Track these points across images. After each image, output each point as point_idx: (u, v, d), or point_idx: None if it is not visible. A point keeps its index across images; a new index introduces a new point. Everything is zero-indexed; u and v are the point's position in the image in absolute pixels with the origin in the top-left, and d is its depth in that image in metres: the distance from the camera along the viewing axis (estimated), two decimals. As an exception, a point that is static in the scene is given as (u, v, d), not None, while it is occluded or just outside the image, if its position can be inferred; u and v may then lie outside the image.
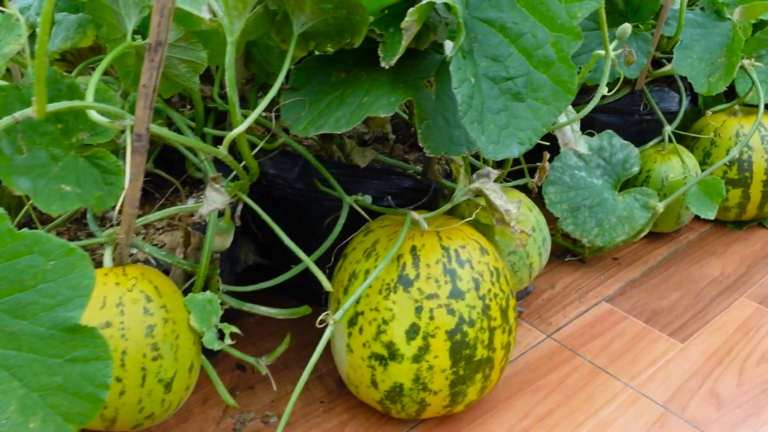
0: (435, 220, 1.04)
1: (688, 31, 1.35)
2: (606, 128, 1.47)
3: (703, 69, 1.30)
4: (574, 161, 1.37)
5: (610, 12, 1.29)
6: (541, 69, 0.82)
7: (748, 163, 1.46)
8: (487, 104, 0.82)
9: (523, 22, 0.83)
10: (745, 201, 1.49)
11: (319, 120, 0.87)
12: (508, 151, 0.81)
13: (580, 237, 1.34)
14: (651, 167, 1.43)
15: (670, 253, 1.47)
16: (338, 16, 0.87)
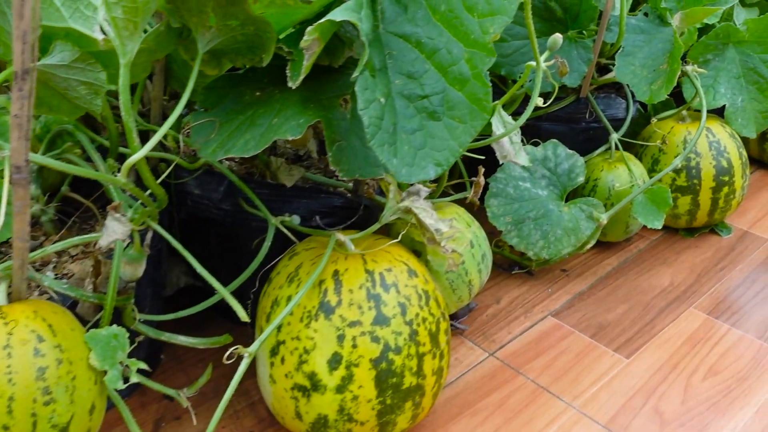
0: (364, 240, 1.00)
1: (630, 38, 1.32)
2: (552, 137, 1.44)
3: (645, 76, 1.27)
4: (518, 172, 1.34)
5: (548, 19, 1.26)
6: (457, 86, 0.78)
7: (696, 170, 1.43)
8: (401, 124, 0.78)
9: (438, 37, 0.79)
10: (695, 208, 1.47)
11: (228, 143, 0.83)
12: (424, 173, 0.78)
13: (525, 250, 1.31)
14: (598, 176, 1.40)
15: (620, 263, 1.44)
16: (247, 32, 0.82)
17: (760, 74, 1.46)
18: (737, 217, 1.61)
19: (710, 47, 1.43)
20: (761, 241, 1.52)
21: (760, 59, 1.46)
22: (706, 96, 1.45)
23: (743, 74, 1.47)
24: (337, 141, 0.80)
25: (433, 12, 0.80)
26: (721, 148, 1.43)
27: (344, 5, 0.74)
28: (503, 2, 0.74)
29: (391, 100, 0.78)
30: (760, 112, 1.49)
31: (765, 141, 1.76)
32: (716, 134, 1.44)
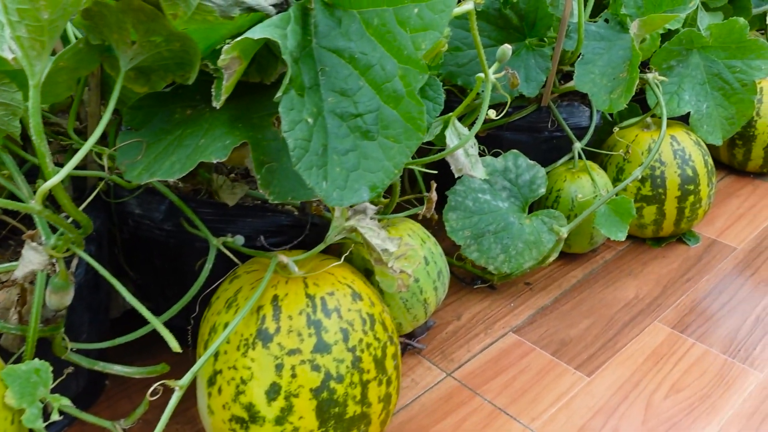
0: (309, 261, 0.97)
1: (590, 45, 1.29)
2: (515, 146, 1.40)
3: (605, 85, 1.24)
4: (478, 184, 1.30)
5: (504, 27, 1.23)
6: (392, 104, 0.75)
7: (661, 179, 1.40)
8: (333, 144, 0.74)
9: (372, 52, 0.76)
10: (661, 218, 1.44)
11: (154, 165, 0.78)
12: (357, 196, 0.74)
13: (485, 264, 1.27)
14: (561, 187, 1.37)
15: (585, 275, 1.41)
16: (173, 49, 0.78)
17: (724, 80, 1.44)
18: (705, 226, 1.58)
19: (673, 53, 1.40)
20: (729, 249, 1.49)
21: (725, 65, 1.43)
22: (670, 103, 1.42)
23: (708, 80, 1.44)
24: (267, 162, 0.76)
25: (366, 26, 0.76)
26: (686, 156, 1.40)
27: (268, 21, 0.70)
28: (434, 17, 0.70)
29: (322, 120, 0.74)
30: (726, 118, 1.46)
31: (734, 147, 1.74)
32: (681, 142, 1.41)
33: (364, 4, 0.76)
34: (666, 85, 1.42)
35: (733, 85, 1.43)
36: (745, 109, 1.45)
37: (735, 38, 1.39)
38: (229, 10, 0.70)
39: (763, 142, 1.69)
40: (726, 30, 1.39)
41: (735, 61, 1.42)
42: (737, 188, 1.74)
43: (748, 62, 1.42)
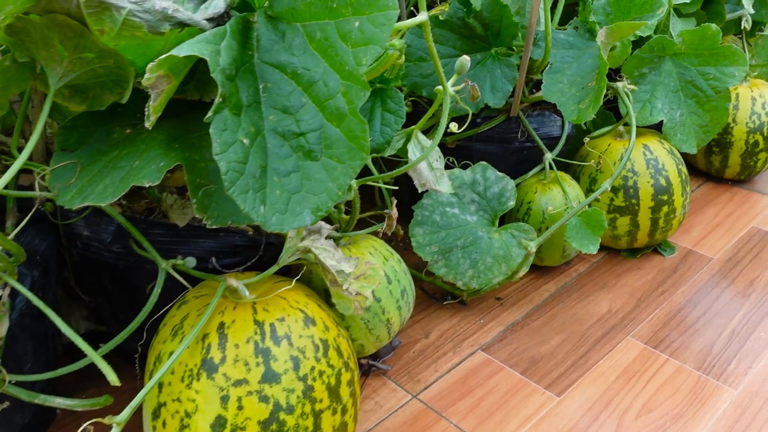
0: (262, 284, 0.92)
1: (559, 53, 1.26)
2: (485, 157, 1.37)
3: (573, 95, 1.21)
4: (446, 198, 1.27)
5: (469, 37, 1.19)
6: (335, 122, 0.71)
7: (633, 189, 1.37)
8: (273, 165, 0.70)
9: (315, 67, 0.72)
10: (635, 229, 1.41)
11: (87, 189, 0.74)
12: (299, 220, 0.70)
13: (453, 280, 1.23)
14: (532, 199, 1.34)
15: (558, 289, 1.38)
16: (107, 65, 0.74)
17: (698, 87, 1.41)
18: (681, 235, 1.55)
19: (645, 60, 1.37)
20: (705, 260, 1.46)
21: (698, 72, 1.40)
22: (643, 112, 1.39)
23: (681, 87, 1.41)
24: (205, 185, 0.72)
25: (310, 40, 0.73)
26: (659, 165, 1.37)
27: (199, 37, 0.66)
28: (375, 31, 0.66)
29: (261, 139, 0.70)
30: (701, 126, 1.43)
31: (711, 154, 1.71)
32: (654, 151, 1.38)
33: (306, 17, 0.73)
34: (638, 93, 1.39)
35: (706, 92, 1.40)
36: (719, 116, 1.42)
37: (708, 45, 1.37)
38: (158, 25, 0.66)
39: (740, 149, 1.66)
40: (698, 37, 1.36)
41: (708, 68, 1.39)
42: (715, 196, 1.71)
43: (722, 69, 1.39)
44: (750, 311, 1.30)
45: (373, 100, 1.13)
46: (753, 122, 1.64)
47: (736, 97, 1.65)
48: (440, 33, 1.16)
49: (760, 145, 1.65)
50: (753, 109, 1.64)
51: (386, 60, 0.83)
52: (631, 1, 1.22)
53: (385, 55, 0.82)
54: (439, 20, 1.15)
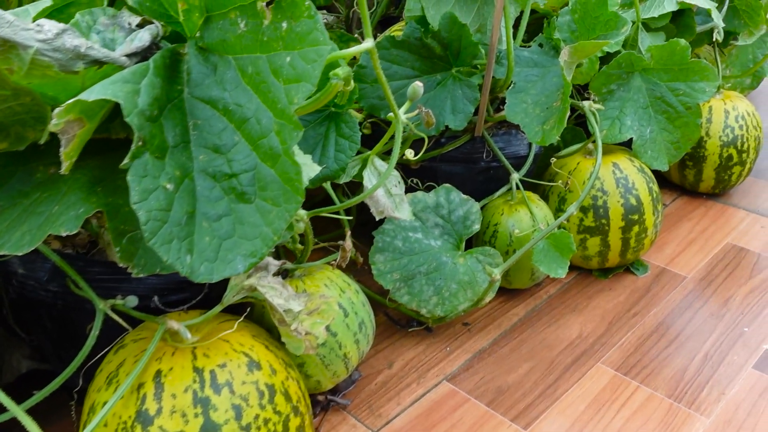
0: (206, 324, 0.88)
1: (523, 72, 1.22)
2: (450, 178, 1.33)
3: (537, 115, 1.17)
4: (409, 222, 1.23)
5: (428, 57, 1.15)
6: (269, 163, 0.66)
7: (603, 209, 1.34)
8: (203, 210, 0.66)
9: (248, 103, 0.67)
10: (605, 249, 1.37)
11: (5, 235, 0.69)
12: (230, 268, 0.65)
13: (417, 308, 1.19)
14: (498, 221, 1.30)
15: (527, 313, 1.34)
16: (25, 103, 0.69)
17: (668, 103, 1.37)
18: (655, 253, 1.51)
19: (613, 77, 1.34)
20: (678, 279, 1.43)
21: (668, 87, 1.37)
22: (612, 129, 1.36)
23: (651, 104, 1.38)
24: (129, 232, 0.68)
25: (242, 74, 0.68)
26: (629, 184, 1.34)
27: (117, 75, 0.62)
28: (306, 68, 0.62)
29: (190, 182, 0.66)
30: (672, 142, 1.40)
31: (685, 168, 1.68)
32: (624, 170, 1.35)
33: (238, 50, 0.68)
34: (607, 109, 1.36)
35: (677, 108, 1.37)
36: (690, 133, 1.38)
37: (677, 60, 1.33)
38: (70, 64, 0.61)
39: (714, 162, 1.63)
40: (667, 52, 1.33)
41: (678, 84, 1.36)
42: (689, 210, 1.68)
43: (692, 85, 1.36)
44: (723, 333, 1.27)
45: (327, 124, 1.09)
46: (726, 136, 1.60)
47: (709, 110, 1.62)
48: (398, 53, 1.12)
49: (734, 158, 1.62)
50: (726, 122, 1.61)
51: (330, 90, 0.78)
52: (596, 18, 1.18)
53: (329, 85, 0.78)
54: (395, 40, 1.11)
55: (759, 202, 1.70)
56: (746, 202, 1.70)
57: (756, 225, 1.61)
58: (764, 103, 2.28)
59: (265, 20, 0.65)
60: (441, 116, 1.15)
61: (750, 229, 1.60)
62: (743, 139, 1.61)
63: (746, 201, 1.71)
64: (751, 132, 1.62)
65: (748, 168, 1.66)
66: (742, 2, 1.75)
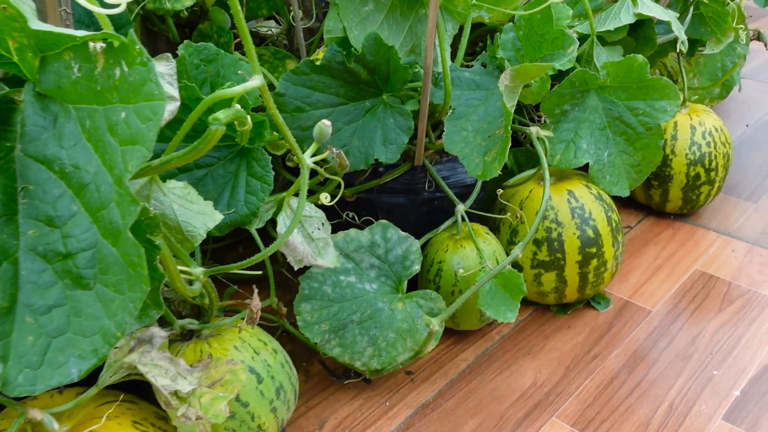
0: (81, 409, 0.75)
1: (464, 95, 1.10)
2: (391, 210, 1.21)
3: (478, 145, 1.05)
4: (341, 264, 1.10)
5: (354, 83, 1.02)
6: (111, 240, 0.54)
7: (558, 242, 1.22)
8: (28, 300, 0.53)
9: (87, 164, 0.55)
10: (562, 285, 1.25)
11: None
12: (61, 374, 0.53)
13: (350, 361, 1.07)
14: (442, 258, 1.18)
15: (477, 358, 1.22)
16: None
17: (627, 124, 1.26)
18: (618, 283, 1.40)
19: (566, 97, 1.22)
20: (642, 314, 1.31)
21: (626, 107, 1.25)
22: (566, 153, 1.24)
23: (609, 124, 1.26)
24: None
25: (82, 127, 0.56)
26: (586, 214, 1.22)
27: None
28: (141, 127, 0.49)
29: (10, 267, 0.53)
30: (632, 166, 1.28)
31: (650, 188, 1.57)
32: (579, 198, 1.23)
33: (75, 98, 0.56)
34: (561, 132, 1.24)
35: (636, 129, 1.26)
36: (651, 155, 1.27)
37: (635, 77, 1.22)
38: None
39: (681, 182, 1.52)
40: (624, 69, 1.21)
41: (637, 103, 1.25)
42: (656, 233, 1.57)
43: (652, 104, 1.24)
44: (690, 378, 1.16)
45: (238, 162, 0.96)
46: (693, 153, 1.49)
47: (674, 126, 1.51)
48: (319, 80, 1.00)
49: (702, 177, 1.51)
50: (693, 140, 1.50)
51: (210, 138, 0.66)
52: (542, 36, 1.07)
53: (208, 132, 0.65)
54: (314, 65, 0.98)
55: (730, 222, 1.60)
56: (716, 223, 1.60)
57: (726, 248, 1.50)
58: (736, 112, 2.18)
59: (98, 65, 0.52)
60: (370, 148, 1.03)
61: (720, 253, 1.49)
62: (711, 157, 1.50)
63: (716, 221, 1.60)
64: (719, 149, 1.51)
65: (717, 187, 1.55)
66: (708, 9, 1.64)
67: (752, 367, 1.18)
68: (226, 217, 0.93)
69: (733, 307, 1.32)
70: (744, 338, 1.24)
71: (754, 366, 1.18)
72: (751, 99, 2.27)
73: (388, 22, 1.02)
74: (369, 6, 1.00)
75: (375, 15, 1.01)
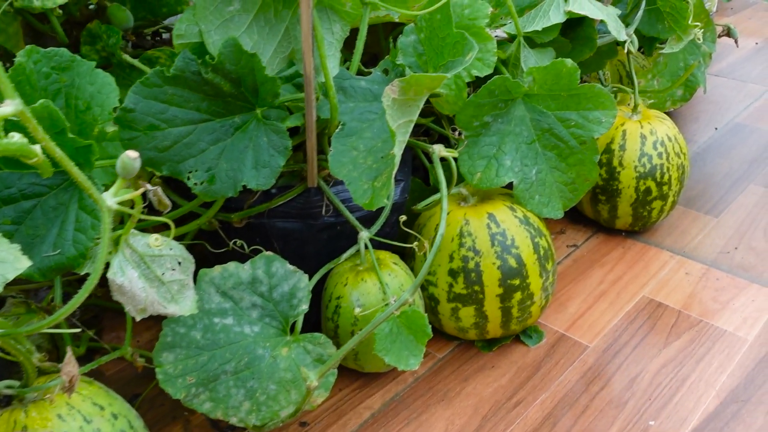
0: None
1: (358, 108, 0.95)
2: (287, 237, 1.07)
3: (369, 167, 0.90)
4: (216, 303, 0.95)
5: (218, 95, 0.87)
6: None
7: (476, 273, 1.07)
8: None
9: None
10: (483, 321, 1.11)
11: None
12: None
13: (223, 417, 0.92)
14: (341, 293, 1.03)
15: (384, 404, 1.07)
16: None
17: (558, 137, 1.11)
18: (554, 312, 1.25)
19: (486, 108, 1.07)
20: (578, 349, 1.17)
21: (557, 117, 1.10)
22: (487, 172, 1.09)
23: (538, 137, 1.11)
24: None
25: None
26: (508, 242, 1.07)
27: None
28: None
29: None
30: (565, 184, 1.13)
31: (597, 203, 1.42)
32: (501, 223, 1.08)
33: None
34: (482, 147, 1.09)
35: (569, 143, 1.11)
36: (587, 172, 1.12)
37: (564, 85, 1.07)
38: None
39: (630, 197, 1.37)
40: (551, 75, 1.06)
41: (569, 113, 1.10)
42: (604, 253, 1.42)
43: (585, 114, 1.09)
44: (623, 430, 1.01)
45: (72, 191, 0.81)
46: (643, 166, 1.35)
47: (622, 135, 1.36)
48: (174, 92, 0.84)
49: (653, 192, 1.36)
50: (643, 150, 1.35)
51: None
52: (443, 40, 0.91)
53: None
54: (166, 76, 0.83)
55: (686, 240, 1.45)
56: (671, 241, 1.45)
57: (680, 271, 1.36)
58: (705, 113, 2.03)
59: None
60: (239, 173, 0.88)
61: (672, 276, 1.34)
62: (663, 170, 1.35)
63: (672, 239, 1.46)
64: (672, 160, 1.36)
65: (671, 202, 1.41)
66: (666, 3, 1.49)
67: (694, 417, 1.03)
68: (50, 260, 0.78)
69: (681, 342, 1.18)
70: (689, 380, 1.10)
71: (697, 415, 1.03)
72: (722, 99, 2.12)
73: (258, 23, 0.87)
74: (234, 5, 0.85)
75: (241, 16, 0.85)
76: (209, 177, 0.88)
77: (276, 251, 1.07)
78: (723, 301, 1.27)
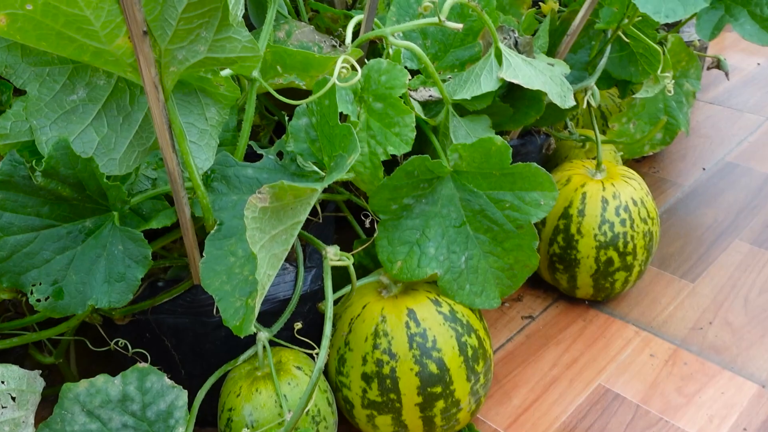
0: None
1: (242, 202, 0.81)
2: (179, 335, 0.95)
3: (245, 279, 0.76)
4: (81, 424, 0.83)
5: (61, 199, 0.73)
6: None
7: (391, 379, 0.93)
8: None
9: None
10: (402, 430, 0.97)
11: None
12: None
13: None
14: (233, 405, 0.90)
15: None
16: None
17: (492, 219, 0.97)
18: (497, 405, 1.12)
19: (404, 189, 0.94)
20: (516, 456, 1.03)
21: (489, 198, 0.96)
22: (408, 262, 0.96)
23: (468, 220, 0.97)
24: None
25: None
26: (428, 344, 0.93)
27: None
28: None
29: None
30: (502, 269, 0.99)
31: (555, 271, 1.27)
32: (422, 321, 0.94)
33: None
34: (403, 231, 0.96)
35: (504, 226, 0.97)
36: (525, 258, 0.98)
37: (495, 164, 0.93)
38: None
39: (589, 267, 1.23)
40: (479, 153, 0.92)
41: (503, 193, 0.96)
42: (561, 327, 1.28)
43: (521, 195, 0.95)
44: None
45: None
46: (604, 234, 1.20)
47: (582, 198, 1.22)
48: (6, 197, 0.71)
49: (616, 263, 1.22)
50: (604, 216, 1.20)
51: None
52: (332, 129, 0.78)
53: None
54: (-5, 181, 0.70)
55: (656, 312, 1.30)
56: (638, 313, 1.30)
57: (644, 352, 1.21)
58: (694, 150, 1.87)
59: None
60: (88, 288, 0.75)
61: (635, 359, 1.20)
62: (627, 239, 1.20)
63: (639, 310, 1.31)
64: (638, 228, 1.21)
65: (636, 272, 1.26)
66: (638, 45, 1.35)
67: None
68: None
69: (634, 448, 1.04)
70: (638, 500, 0.96)
71: None
72: (714, 132, 1.96)
73: (109, 113, 0.73)
74: (78, 93, 0.71)
75: (87, 106, 0.72)
76: (55, 291, 0.75)
77: (168, 348, 0.95)
78: (688, 394, 1.12)
